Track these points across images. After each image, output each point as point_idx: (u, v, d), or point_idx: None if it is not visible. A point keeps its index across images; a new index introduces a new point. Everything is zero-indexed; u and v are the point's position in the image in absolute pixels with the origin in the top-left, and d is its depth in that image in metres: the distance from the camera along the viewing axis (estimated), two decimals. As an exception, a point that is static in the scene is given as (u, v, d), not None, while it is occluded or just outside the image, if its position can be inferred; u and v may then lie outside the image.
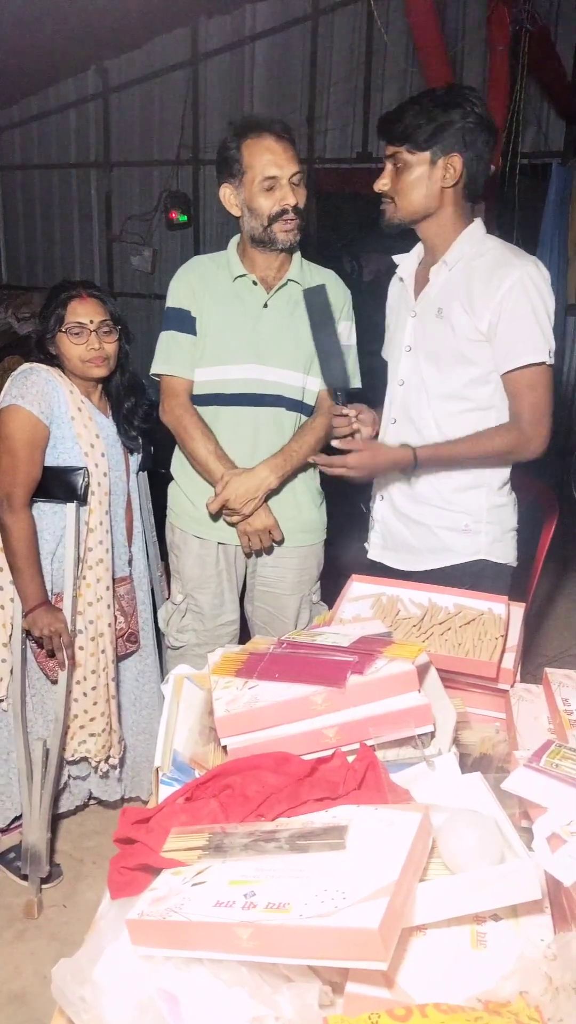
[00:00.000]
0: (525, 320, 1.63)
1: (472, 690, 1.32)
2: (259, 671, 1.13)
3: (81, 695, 2.03)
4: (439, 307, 1.73)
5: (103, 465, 1.99)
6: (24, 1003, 1.82)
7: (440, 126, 1.64)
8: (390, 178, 1.71)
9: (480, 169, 1.69)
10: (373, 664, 1.08)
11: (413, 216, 1.72)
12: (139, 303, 6.78)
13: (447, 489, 1.78)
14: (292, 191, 1.82)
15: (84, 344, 1.94)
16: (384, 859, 0.79)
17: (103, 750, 2.08)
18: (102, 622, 2.02)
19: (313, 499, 2.07)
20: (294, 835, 0.86)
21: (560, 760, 0.97)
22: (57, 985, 0.79)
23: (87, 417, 1.98)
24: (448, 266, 1.72)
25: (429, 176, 1.67)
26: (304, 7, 5.80)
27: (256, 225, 1.85)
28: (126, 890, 0.91)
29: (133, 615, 2.18)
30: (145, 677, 2.27)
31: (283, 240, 1.85)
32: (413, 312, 1.80)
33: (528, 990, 0.72)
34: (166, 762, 1.10)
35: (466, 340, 1.68)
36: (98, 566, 2.00)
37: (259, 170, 1.80)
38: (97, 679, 2.03)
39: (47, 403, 1.92)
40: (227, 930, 0.75)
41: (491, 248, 1.71)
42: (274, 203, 1.82)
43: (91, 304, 1.96)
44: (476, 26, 4.85)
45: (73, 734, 2.06)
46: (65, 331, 1.94)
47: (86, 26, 5.39)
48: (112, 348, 1.98)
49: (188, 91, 6.35)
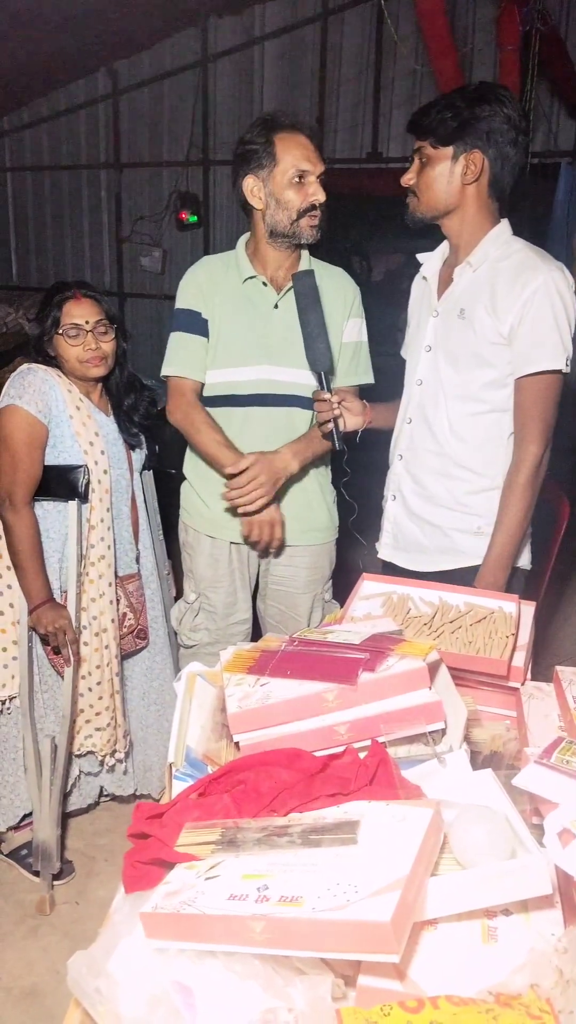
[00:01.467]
0: (545, 325, 1.62)
1: (483, 688, 1.32)
2: (271, 668, 1.14)
3: (87, 690, 2.05)
4: (462, 308, 1.73)
5: (103, 462, 2.00)
6: (37, 998, 1.84)
7: (464, 122, 1.64)
8: (415, 172, 1.73)
9: (506, 169, 1.69)
10: (384, 662, 1.09)
11: (434, 211, 1.73)
12: (149, 304, 6.81)
13: (461, 491, 1.78)
14: (320, 188, 1.84)
15: (81, 345, 1.95)
16: (396, 854, 0.80)
17: (108, 744, 2.10)
18: (105, 618, 2.04)
19: (324, 497, 2.08)
20: (306, 830, 0.87)
21: (571, 756, 0.97)
22: (73, 977, 0.80)
23: (85, 415, 1.99)
24: (473, 267, 1.72)
25: (451, 171, 1.68)
26: (314, 7, 5.81)
27: (283, 218, 1.86)
28: (140, 884, 0.92)
29: (142, 611, 2.19)
30: (154, 673, 2.28)
31: (308, 235, 1.87)
32: (435, 312, 1.80)
33: (539, 983, 0.73)
34: (179, 758, 1.11)
35: (487, 342, 1.68)
36: (100, 562, 2.02)
37: (291, 163, 1.82)
38: (101, 674, 2.05)
39: (44, 402, 1.93)
40: (240, 923, 0.76)
41: (517, 251, 1.70)
42: (304, 197, 1.83)
43: (86, 304, 1.97)
44: (486, 26, 4.84)
45: (80, 728, 2.08)
46: (62, 333, 1.95)
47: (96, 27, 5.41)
48: (109, 347, 1.99)
49: (198, 92, 6.37)
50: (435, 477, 1.80)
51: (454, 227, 1.75)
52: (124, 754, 2.18)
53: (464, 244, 1.75)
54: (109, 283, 7.36)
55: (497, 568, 1.70)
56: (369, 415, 1.88)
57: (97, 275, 7.39)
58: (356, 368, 2.03)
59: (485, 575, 1.71)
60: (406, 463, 1.86)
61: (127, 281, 7.26)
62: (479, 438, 1.75)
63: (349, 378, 2.02)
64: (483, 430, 1.74)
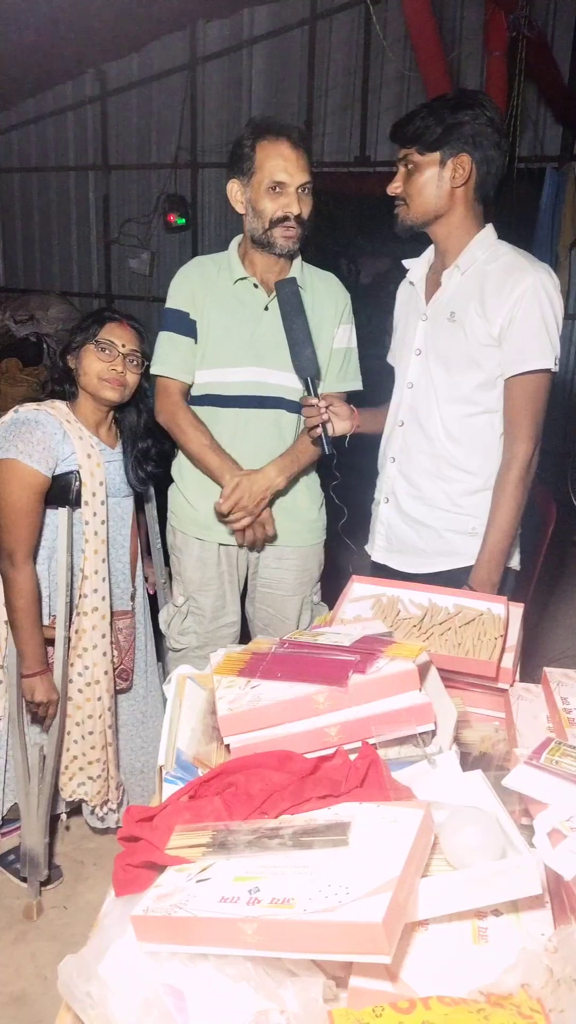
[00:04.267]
0: (534, 326, 1.65)
1: (472, 689, 1.33)
2: (261, 671, 1.14)
3: (80, 737, 2.02)
4: (452, 311, 1.74)
5: (101, 513, 1.95)
6: (25, 1004, 1.83)
7: (449, 127, 1.66)
8: (402, 181, 1.73)
9: (490, 171, 1.71)
10: (374, 663, 1.09)
11: (426, 217, 1.74)
12: (137, 306, 6.79)
13: (456, 492, 1.80)
14: (297, 200, 1.83)
15: (108, 363, 1.91)
16: (387, 855, 0.80)
17: (100, 795, 2.07)
18: (98, 669, 1.99)
19: (313, 500, 2.08)
20: (297, 832, 0.87)
21: (560, 757, 0.98)
22: (63, 981, 0.79)
23: (95, 464, 1.93)
24: (461, 270, 1.74)
25: (439, 176, 1.70)
26: (302, 11, 5.82)
27: (257, 226, 1.86)
28: (130, 887, 0.91)
29: (129, 652, 2.13)
30: (135, 719, 2.22)
31: (282, 245, 1.86)
32: (424, 316, 1.81)
33: (529, 983, 0.73)
34: (170, 761, 1.11)
35: (478, 344, 1.70)
36: (93, 613, 1.96)
37: (268, 172, 1.81)
38: (93, 724, 2.01)
39: (52, 457, 1.87)
40: (232, 925, 0.76)
41: (504, 254, 1.72)
42: (277, 208, 1.82)
43: (128, 332, 1.95)
44: (474, 31, 4.88)
45: (72, 775, 2.05)
46: (95, 343, 1.91)
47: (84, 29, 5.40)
48: (133, 379, 1.95)
49: (186, 94, 6.37)
50: (429, 479, 1.81)
51: (442, 232, 1.76)
52: (116, 804, 2.13)
53: (452, 248, 1.76)
54: (97, 285, 7.35)
55: (491, 566, 1.71)
56: (357, 419, 1.89)
57: (85, 277, 7.39)
58: (345, 374, 2.04)
59: (479, 573, 1.72)
60: (399, 465, 1.86)
61: (115, 283, 7.25)
62: (472, 439, 1.77)
63: (338, 384, 2.02)
64: (476, 431, 1.76)
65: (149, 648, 2.24)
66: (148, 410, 2.07)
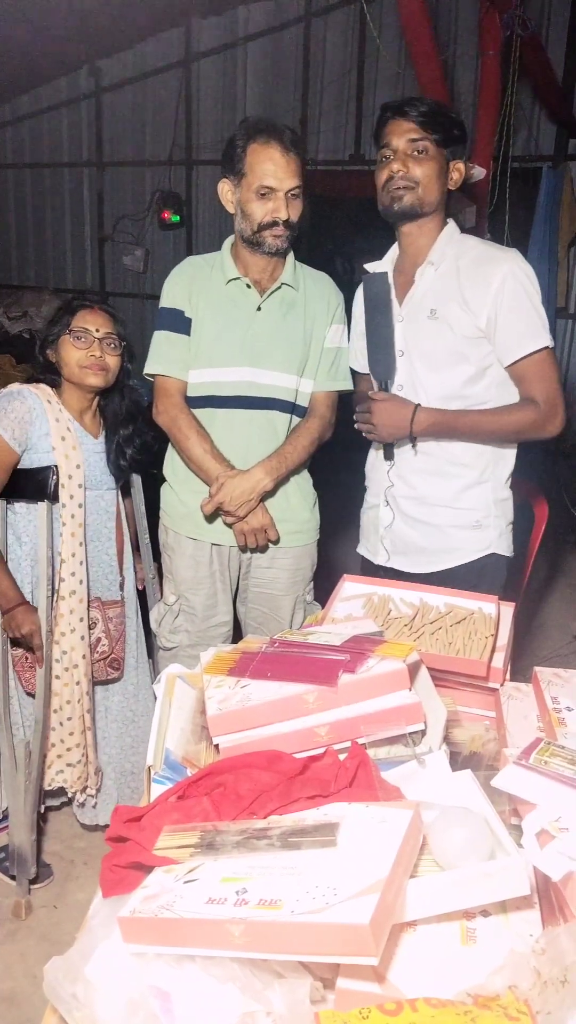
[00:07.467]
0: (524, 310, 1.67)
1: (463, 689, 1.32)
2: (251, 670, 1.14)
3: (58, 724, 2.02)
4: (432, 308, 1.74)
5: (78, 496, 1.96)
6: (14, 1004, 1.82)
7: (463, 132, 1.73)
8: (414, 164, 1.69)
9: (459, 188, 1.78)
10: (365, 663, 1.09)
11: (431, 208, 1.74)
12: (131, 303, 6.79)
13: (455, 488, 1.80)
14: (286, 204, 1.82)
15: (86, 350, 1.93)
16: (375, 856, 0.80)
17: (79, 781, 2.07)
18: (76, 653, 1.99)
19: (306, 499, 2.08)
20: (286, 832, 0.87)
21: (549, 757, 0.98)
22: (49, 983, 0.79)
23: (70, 447, 1.95)
24: (435, 266, 1.75)
25: (443, 173, 1.73)
26: (297, 9, 5.82)
27: (246, 227, 1.86)
28: (118, 888, 0.91)
29: (119, 641, 2.13)
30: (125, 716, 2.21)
31: (271, 244, 1.86)
32: (400, 317, 1.81)
33: (517, 984, 0.73)
34: (158, 761, 1.10)
35: (463, 338, 1.71)
36: (71, 597, 1.97)
37: (257, 176, 1.80)
38: (72, 710, 2.01)
39: (23, 431, 1.90)
40: (219, 927, 0.75)
41: (472, 247, 1.75)
42: (266, 212, 1.82)
43: (101, 316, 1.97)
44: (468, 31, 4.88)
45: (51, 763, 2.04)
46: (69, 333, 1.93)
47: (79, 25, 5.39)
48: (113, 362, 1.97)
49: (181, 91, 6.36)
50: (427, 477, 1.82)
51: (420, 229, 1.77)
52: (96, 790, 2.13)
53: (422, 246, 1.78)
54: (91, 282, 7.33)
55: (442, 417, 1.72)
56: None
57: (79, 274, 7.37)
58: (335, 373, 2.03)
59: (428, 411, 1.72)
60: (395, 467, 1.86)
61: (109, 280, 7.23)
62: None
63: (329, 384, 2.02)
64: None
65: (140, 642, 2.23)
66: (132, 395, 2.08)
